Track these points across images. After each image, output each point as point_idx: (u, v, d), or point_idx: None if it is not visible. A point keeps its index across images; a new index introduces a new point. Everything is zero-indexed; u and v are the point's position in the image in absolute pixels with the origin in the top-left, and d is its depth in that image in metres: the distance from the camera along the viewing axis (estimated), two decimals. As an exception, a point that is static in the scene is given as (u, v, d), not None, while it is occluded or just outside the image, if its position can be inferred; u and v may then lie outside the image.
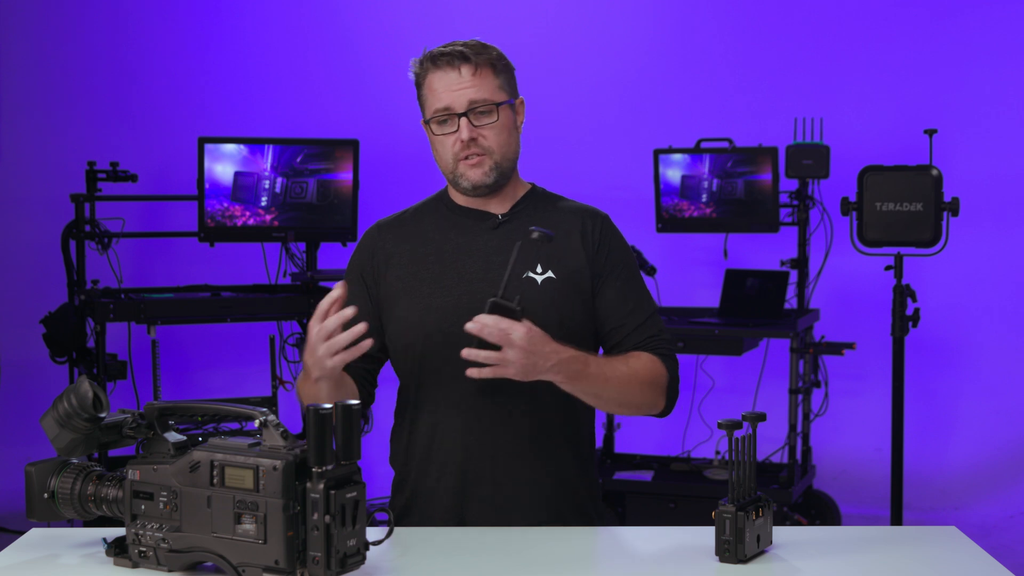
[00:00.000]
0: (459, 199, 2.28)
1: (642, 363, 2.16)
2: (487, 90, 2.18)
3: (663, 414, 2.23)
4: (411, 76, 2.24)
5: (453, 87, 2.16)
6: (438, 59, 2.18)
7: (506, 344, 1.94)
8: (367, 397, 2.29)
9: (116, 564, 1.79)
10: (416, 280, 2.22)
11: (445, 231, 2.26)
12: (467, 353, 1.96)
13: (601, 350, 2.27)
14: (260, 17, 5.70)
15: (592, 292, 2.23)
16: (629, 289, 2.25)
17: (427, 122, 2.22)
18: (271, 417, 1.66)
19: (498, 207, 2.26)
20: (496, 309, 1.96)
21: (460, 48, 2.18)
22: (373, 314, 2.25)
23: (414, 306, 2.20)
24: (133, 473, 1.75)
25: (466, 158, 2.18)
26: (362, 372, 2.26)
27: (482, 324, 1.94)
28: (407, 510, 2.22)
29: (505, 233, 2.23)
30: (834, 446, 5.19)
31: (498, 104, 2.18)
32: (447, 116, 2.18)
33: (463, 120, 2.16)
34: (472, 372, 1.97)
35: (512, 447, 2.14)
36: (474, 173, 2.19)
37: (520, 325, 1.96)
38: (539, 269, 2.20)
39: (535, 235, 2.02)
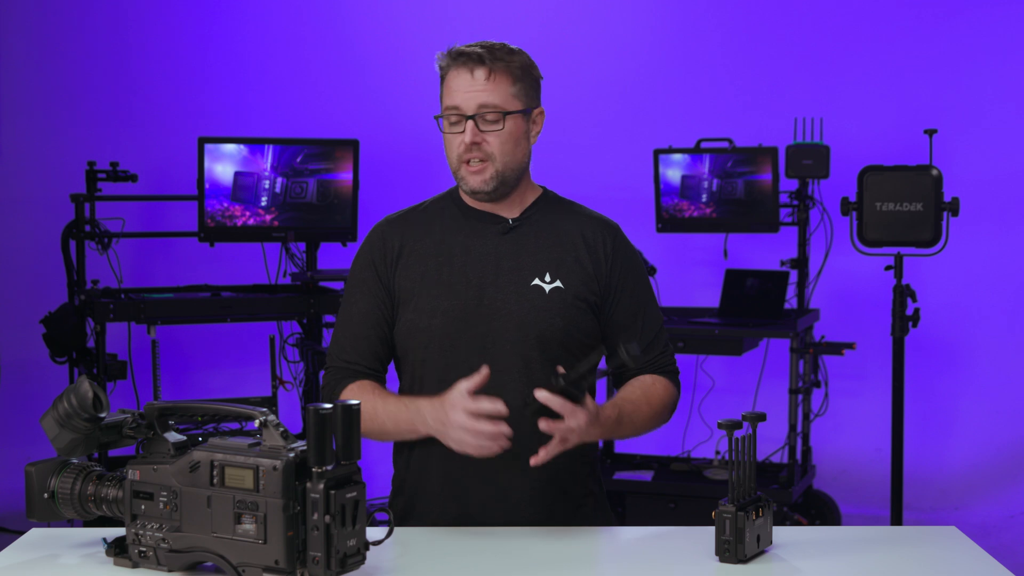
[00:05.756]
0: (469, 200, 2.26)
1: (659, 393, 2.24)
2: (499, 96, 2.15)
3: None
4: (437, 68, 2.22)
5: (465, 88, 2.15)
6: (457, 57, 2.16)
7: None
8: None
9: (116, 564, 1.80)
10: (424, 281, 2.20)
11: (455, 233, 2.24)
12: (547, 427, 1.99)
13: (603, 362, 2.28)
14: (260, 17, 5.69)
15: (601, 304, 2.23)
16: (639, 306, 2.27)
17: (440, 117, 2.21)
18: (271, 417, 1.66)
19: (508, 211, 2.25)
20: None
21: (479, 50, 2.15)
22: (387, 307, 2.23)
23: (421, 308, 2.18)
24: (133, 473, 1.76)
25: (467, 163, 2.17)
26: (378, 379, 2.25)
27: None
28: (408, 510, 2.22)
29: (516, 238, 2.22)
30: (834, 446, 5.19)
31: (507, 113, 2.16)
32: (456, 116, 2.17)
33: (469, 123, 2.15)
34: (537, 460, 2.01)
35: (515, 448, 2.13)
36: (474, 180, 2.18)
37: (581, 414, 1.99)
38: (547, 278, 2.20)
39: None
